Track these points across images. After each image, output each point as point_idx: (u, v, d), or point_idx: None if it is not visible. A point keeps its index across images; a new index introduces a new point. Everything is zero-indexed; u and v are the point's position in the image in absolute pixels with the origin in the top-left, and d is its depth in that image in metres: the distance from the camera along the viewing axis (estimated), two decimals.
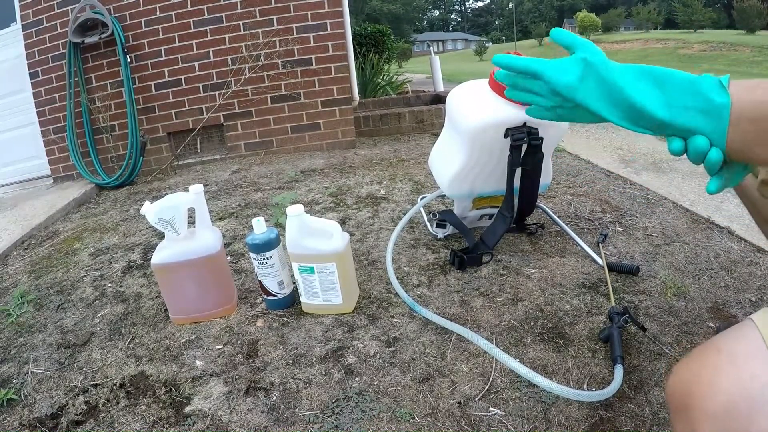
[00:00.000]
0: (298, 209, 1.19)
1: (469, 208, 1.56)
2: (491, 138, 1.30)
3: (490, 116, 1.27)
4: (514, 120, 1.27)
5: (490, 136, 1.29)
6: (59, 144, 3.23)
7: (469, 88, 1.38)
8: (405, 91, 5.58)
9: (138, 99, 3.14)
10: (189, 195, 1.26)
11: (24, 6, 3.08)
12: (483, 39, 63.17)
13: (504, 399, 0.94)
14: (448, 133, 1.51)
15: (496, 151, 1.34)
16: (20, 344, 1.29)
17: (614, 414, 0.88)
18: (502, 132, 1.28)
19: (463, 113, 1.33)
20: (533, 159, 1.33)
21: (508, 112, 1.26)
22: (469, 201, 1.53)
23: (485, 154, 1.35)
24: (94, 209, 2.60)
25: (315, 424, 0.91)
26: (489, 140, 1.30)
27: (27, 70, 3.17)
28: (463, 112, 1.33)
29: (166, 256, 1.23)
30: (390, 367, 1.05)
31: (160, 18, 3.08)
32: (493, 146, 1.32)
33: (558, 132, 1.36)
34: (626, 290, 1.27)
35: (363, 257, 1.58)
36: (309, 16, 3.15)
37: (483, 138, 1.30)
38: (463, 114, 1.33)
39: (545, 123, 1.27)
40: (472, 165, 1.38)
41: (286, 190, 2.42)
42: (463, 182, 1.43)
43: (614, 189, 2.06)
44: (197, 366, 1.12)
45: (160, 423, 0.96)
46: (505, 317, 1.19)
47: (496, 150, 1.33)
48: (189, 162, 3.34)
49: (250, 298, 1.39)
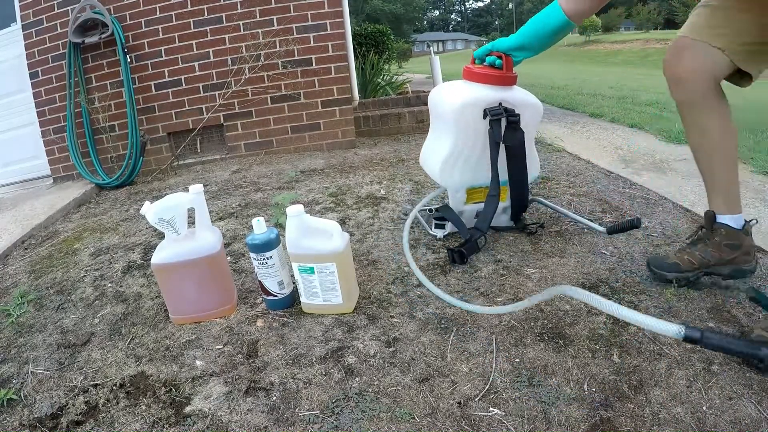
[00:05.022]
0: (298, 209, 1.19)
1: (463, 200, 1.60)
2: (472, 117, 1.45)
3: (467, 96, 1.45)
4: (489, 99, 1.44)
5: (470, 114, 1.45)
6: (59, 144, 3.23)
7: (446, 85, 1.58)
8: (405, 91, 5.57)
9: (138, 99, 3.14)
10: (189, 195, 1.26)
11: (24, 6, 3.08)
12: (483, 39, 63.15)
13: (504, 399, 0.94)
14: (433, 128, 1.69)
15: (480, 135, 1.48)
16: (20, 344, 1.29)
17: (614, 414, 0.88)
18: (480, 111, 1.45)
19: (444, 101, 1.51)
20: (513, 135, 1.47)
21: (483, 92, 1.45)
22: (463, 192, 1.59)
23: (470, 135, 1.48)
24: (94, 209, 2.60)
25: (315, 424, 0.91)
26: (471, 120, 1.46)
27: (27, 70, 3.17)
28: (444, 100, 1.51)
29: (166, 256, 1.23)
30: (390, 367, 1.05)
31: (160, 18, 3.07)
32: (476, 127, 1.47)
33: (534, 113, 1.51)
34: (626, 290, 1.27)
35: (363, 257, 1.58)
36: (309, 16, 3.15)
37: (465, 117, 1.45)
38: (444, 101, 1.51)
39: (519, 103, 1.47)
40: (460, 148, 1.50)
41: (286, 190, 2.42)
42: (454, 168, 1.53)
43: (614, 189, 2.06)
44: (197, 366, 1.12)
45: (160, 423, 0.96)
46: (505, 317, 1.19)
47: (480, 134, 1.48)
48: (189, 162, 3.34)
49: (250, 298, 1.39)
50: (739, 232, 1.21)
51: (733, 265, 1.21)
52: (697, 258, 1.23)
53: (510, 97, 1.46)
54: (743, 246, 1.20)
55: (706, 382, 0.94)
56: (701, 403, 0.89)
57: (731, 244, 1.20)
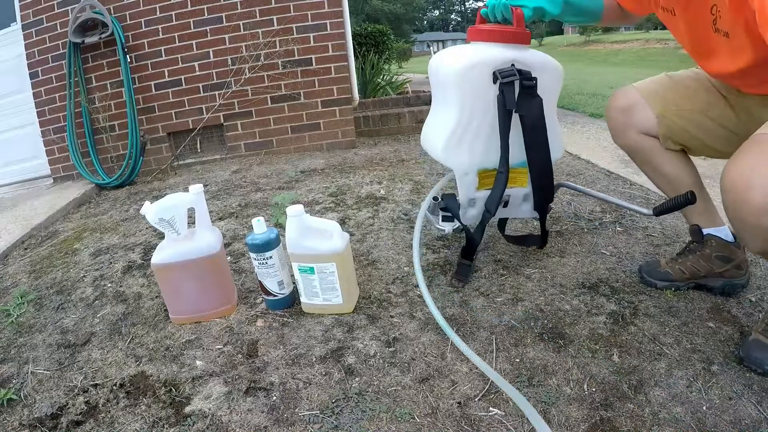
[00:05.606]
0: (298, 209, 1.19)
1: (475, 185, 1.30)
2: (479, 81, 1.19)
3: (472, 56, 1.19)
4: (499, 60, 1.18)
5: (476, 78, 1.19)
6: (59, 144, 3.23)
7: (448, 49, 1.32)
8: (405, 91, 5.57)
9: (138, 99, 3.14)
10: (189, 195, 1.26)
11: (24, 6, 3.08)
12: None
13: (504, 399, 0.94)
14: (434, 100, 1.40)
15: (491, 104, 1.21)
16: (20, 344, 1.29)
17: (614, 414, 0.88)
18: (489, 75, 1.18)
19: (445, 64, 1.25)
20: (529, 103, 1.19)
21: (491, 51, 1.19)
22: (474, 175, 1.29)
23: (478, 103, 1.21)
24: (94, 209, 2.60)
25: (315, 424, 0.91)
26: (477, 85, 1.20)
27: (27, 70, 3.17)
28: (445, 63, 1.25)
29: (166, 256, 1.23)
30: (390, 367, 1.05)
31: (160, 18, 3.07)
32: (484, 93, 1.20)
33: (554, 77, 1.25)
34: (626, 290, 1.27)
35: (363, 257, 1.58)
36: (309, 16, 3.15)
37: (470, 81, 1.19)
38: (446, 64, 1.25)
39: (536, 65, 1.20)
40: (467, 120, 1.23)
41: (286, 190, 2.42)
42: (460, 145, 1.25)
43: (614, 189, 2.06)
44: (197, 366, 1.12)
45: (160, 423, 0.96)
46: (505, 317, 1.19)
47: (491, 102, 1.21)
48: (189, 162, 3.34)
49: (250, 298, 1.39)
50: (731, 245, 1.20)
51: (725, 278, 1.21)
52: (689, 268, 1.23)
53: (524, 57, 1.19)
54: (735, 259, 1.20)
55: (706, 382, 0.94)
56: (701, 403, 0.89)
57: (722, 257, 1.20)
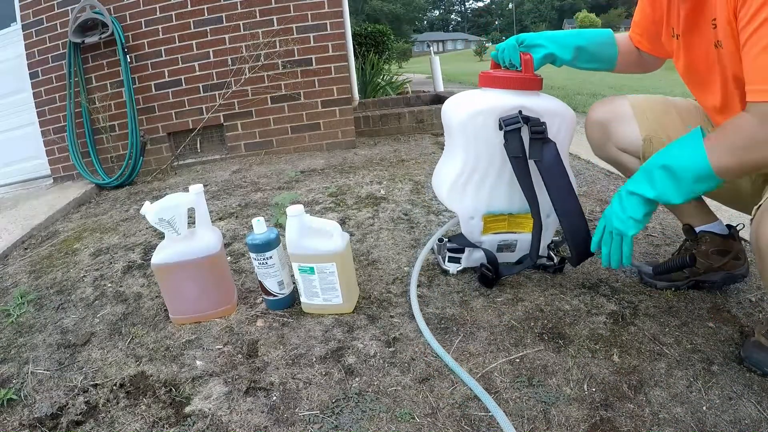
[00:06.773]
0: (298, 209, 1.19)
1: (480, 229, 1.33)
2: (484, 129, 1.20)
3: (478, 104, 1.21)
4: (506, 107, 1.18)
5: (481, 125, 1.20)
6: (59, 144, 3.23)
7: (461, 94, 1.33)
8: (405, 91, 5.58)
9: (138, 99, 3.14)
10: (189, 195, 1.26)
11: (24, 6, 3.08)
12: (483, 39, 63.13)
13: (504, 399, 0.94)
14: (446, 145, 1.41)
15: (497, 150, 1.22)
16: (20, 344, 1.29)
17: (614, 414, 0.88)
18: (495, 122, 1.19)
19: (452, 110, 1.27)
20: (542, 148, 1.18)
21: (497, 98, 1.19)
22: (479, 220, 1.31)
23: (483, 150, 1.23)
24: (94, 209, 2.60)
25: (315, 424, 0.91)
26: (483, 132, 1.20)
27: (27, 70, 3.17)
28: (452, 110, 1.28)
29: (166, 256, 1.23)
30: (390, 367, 1.05)
31: (160, 18, 3.08)
32: (491, 140, 1.21)
33: (563, 123, 1.23)
34: (626, 290, 1.27)
35: (363, 257, 1.58)
36: (309, 16, 3.15)
37: (475, 128, 1.20)
38: (453, 110, 1.27)
39: (544, 110, 1.19)
40: (471, 165, 1.25)
41: (286, 190, 2.42)
42: (465, 190, 1.28)
43: (614, 189, 2.06)
44: (197, 366, 1.12)
45: (160, 423, 0.96)
46: (505, 317, 1.19)
47: (497, 149, 1.22)
48: (189, 162, 3.34)
49: (250, 298, 1.39)
50: (726, 238, 1.20)
51: (724, 271, 1.21)
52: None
53: (533, 103, 1.18)
54: (732, 251, 1.20)
55: (706, 382, 0.94)
56: (701, 403, 0.89)
57: (719, 251, 1.19)
